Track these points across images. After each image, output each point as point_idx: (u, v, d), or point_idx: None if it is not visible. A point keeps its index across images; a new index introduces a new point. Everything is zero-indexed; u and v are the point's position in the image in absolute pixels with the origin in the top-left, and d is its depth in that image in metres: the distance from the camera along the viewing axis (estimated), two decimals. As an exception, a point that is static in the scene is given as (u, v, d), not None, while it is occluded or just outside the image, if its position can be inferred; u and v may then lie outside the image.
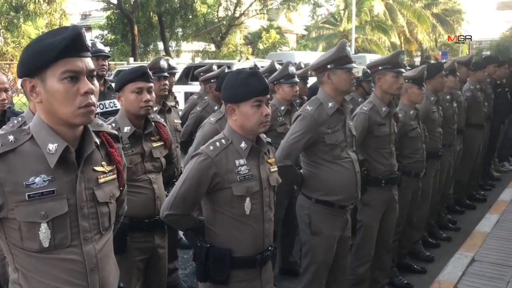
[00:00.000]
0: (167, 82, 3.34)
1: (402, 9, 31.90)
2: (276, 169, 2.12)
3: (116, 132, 1.56)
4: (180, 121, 3.53)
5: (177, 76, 6.76)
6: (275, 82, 3.64)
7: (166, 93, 3.33)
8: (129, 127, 2.36)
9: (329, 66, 2.59)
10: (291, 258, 3.92)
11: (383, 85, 3.17)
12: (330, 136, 2.59)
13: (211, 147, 1.95)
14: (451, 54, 37.59)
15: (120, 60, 17.06)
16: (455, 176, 5.51)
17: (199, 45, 22.59)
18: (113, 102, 4.06)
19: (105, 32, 19.85)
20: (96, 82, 1.36)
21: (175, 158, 2.68)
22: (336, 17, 30.69)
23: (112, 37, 18.75)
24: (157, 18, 18.10)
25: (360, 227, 3.26)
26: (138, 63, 12.71)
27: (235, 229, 1.96)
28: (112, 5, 17.03)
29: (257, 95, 1.93)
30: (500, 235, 4.45)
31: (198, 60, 23.99)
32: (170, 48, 19.85)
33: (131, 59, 15.67)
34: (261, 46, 22.64)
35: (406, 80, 3.69)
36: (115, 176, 1.48)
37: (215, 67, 4.86)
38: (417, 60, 29.47)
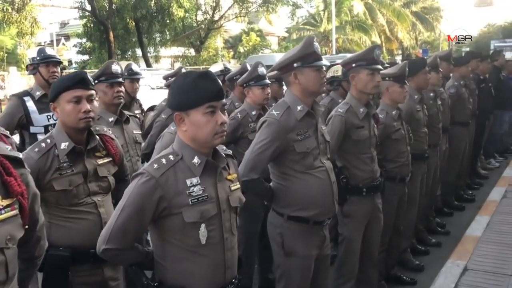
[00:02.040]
0: (121, 88, 3.00)
1: (381, 8, 31.92)
2: (238, 186, 1.80)
3: (17, 154, 1.22)
4: (140, 132, 3.19)
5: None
6: (245, 85, 3.34)
7: (121, 101, 2.99)
8: (67, 143, 2.02)
9: (295, 65, 2.29)
10: (270, 275, 3.60)
11: (358, 84, 2.88)
12: (300, 143, 2.28)
13: (155, 165, 1.62)
14: (431, 52, 37.80)
15: (88, 69, 16.62)
16: (442, 177, 5.28)
17: (179, 50, 22.18)
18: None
19: (84, 40, 19.39)
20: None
21: (129, 174, 2.35)
22: (316, 18, 30.57)
23: (90, 45, 18.27)
24: (134, 24, 17.69)
25: (341, 241, 2.96)
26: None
27: (189, 262, 1.63)
28: (87, 13, 16.56)
29: (210, 100, 1.62)
30: (492, 239, 4.20)
31: (177, 65, 23.63)
32: (148, 54, 19.43)
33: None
34: (241, 49, 22.34)
35: (387, 78, 3.44)
36: (15, 212, 1.15)
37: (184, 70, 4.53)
38: (398, 59, 29.48)
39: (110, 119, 2.98)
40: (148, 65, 18.21)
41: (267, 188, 2.37)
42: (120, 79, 3.02)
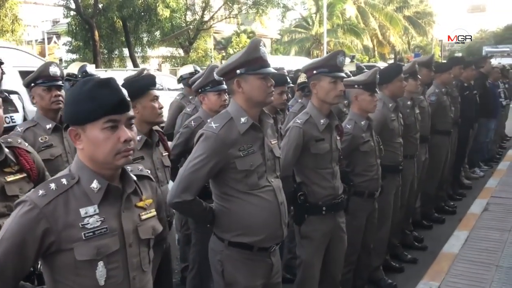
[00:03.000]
0: (61, 92, 2.73)
1: (374, 12, 31.90)
2: (152, 214, 1.53)
3: None
4: None
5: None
6: (200, 91, 3.08)
7: (60, 106, 2.71)
8: None
9: (238, 71, 2.02)
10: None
11: (319, 93, 2.63)
12: (242, 160, 2.01)
13: (41, 192, 1.34)
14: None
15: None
16: (422, 188, 5.05)
17: (167, 51, 21.85)
18: (10, 116, 3.45)
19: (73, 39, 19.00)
20: None
21: None
22: (309, 20, 30.42)
23: (75, 43, 17.90)
24: (121, 23, 17.36)
25: (299, 265, 2.70)
26: (100, 70, 12.00)
27: (86, 306, 1.36)
28: (71, 10, 16.20)
29: (109, 112, 1.35)
30: (468, 257, 3.96)
31: (167, 66, 23.29)
32: (136, 54, 19.10)
33: (93, 66, 14.87)
34: (231, 51, 22.07)
35: (356, 86, 3.19)
36: None
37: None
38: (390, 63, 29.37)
39: (48, 126, 2.71)
40: (135, 65, 17.87)
41: (206, 210, 2.10)
42: (60, 82, 2.75)
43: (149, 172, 2.42)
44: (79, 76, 3.62)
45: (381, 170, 3.41)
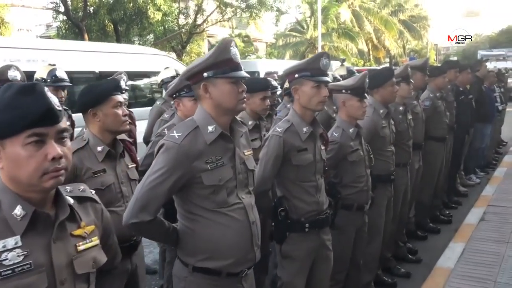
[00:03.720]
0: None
1: (369, 16, 31.76)
2: (93, 243, 1.30)
3: None
4: None
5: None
6: (174, 96, 2.85)
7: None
8: None
9: (205, 74, 1.80)
10: None
11: (301, 98, 2.40)
12: (209, 174, 1.78)
13: None
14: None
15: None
16: (416, 197, 4.84)
17: (160, 54, 21.51)
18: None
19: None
20: None
21: None
22: (303, 24, 30.27)
23: (66, 47, 17.60)
24: (112, 26, 17.09)
25: (280, 287, 2.46)
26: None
27: None
28: (60, 14, 15.90)
29: (33, 124, 1.12)
30: (464, 272, 3.74)
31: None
32: (128, 58, 18.80)
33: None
34: (225, 54, 21.78)
35: (344, 91, 2.97)
36: None
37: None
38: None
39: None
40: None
41: (169, 230, 1.86)
42: None
43: (113, 185, 2.22)
44: (48, 80, 3.38)
45: (371, 180, 3.20)
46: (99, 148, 2.20)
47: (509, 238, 4.37)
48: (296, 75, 2.40)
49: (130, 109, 4.35)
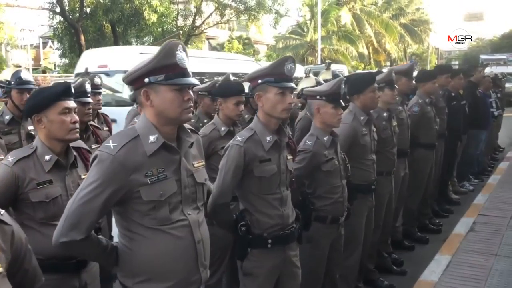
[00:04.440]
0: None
1: (369, 19, 31.68)
2: None
3: None
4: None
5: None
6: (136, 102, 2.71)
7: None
8: None
9: (146, 80, 1.65)
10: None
11: (265, 105, 2.25)
12: (150, 188, 1.62)
13: None
14: (420, 65, 37.65)
15: (70, 72, 15.91)
16: (404, 205, 4.69)
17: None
18: None
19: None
20: None
21: None
22: (303, 27, 30.18)
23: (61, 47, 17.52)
24: (110, 27, 17.01)
25: (242, 306, 2.32)
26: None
27: None
28: (56, 14, 15.81)
29: None
30: (448, 286, 3.59)
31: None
32: (126, 59, 18.70)
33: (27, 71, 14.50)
34: (224, 57, 21.72)
35: (318, 97, 2.83)
36: None
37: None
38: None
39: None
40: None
41: (106, 250, 1.71)
42: None
43: (60, 198, 2.08)
44: (13, 82, 3.26)
45: (351, 190, 3.06)
46: (46, 157, 2.06)
47: (497, 251, 4.21)
48: (259, 81, 2.25)
49: (104, 113, 4.24)
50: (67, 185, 2.09)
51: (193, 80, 1.71)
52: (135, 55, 7.74)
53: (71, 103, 2.11)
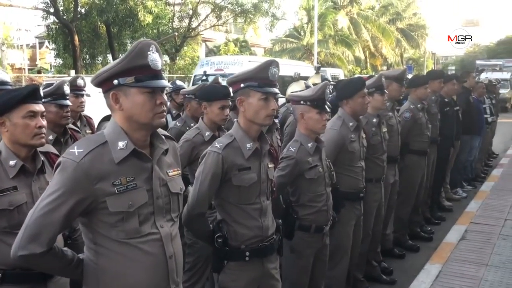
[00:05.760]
0: None
1: (366, 24, 31.70)
2: None
3: None
4: None
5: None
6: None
7: None
8: None
9: (115, 82, 1.54)
10: None
11: (248, 111, 2.14)
12: (117, 198, 1.51)
13: None
14: (416, 69, 37.72)
15: (63, 73, 15.80)
16: (395, 213, 4.60)
17: (153, 58, 21.21)
18: None
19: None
20: None
21: None
22: (300, 30, 30.15)
23: (55, 47, 17.38)
24: (105, 28, 16.90)
25: (218, 320, 2.21)
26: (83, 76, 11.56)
27: None
28: (50, 14, 15.69)
29: None
30: (438, 297, 3.50)
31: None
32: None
33: (72, 72, 14.41)
34: (219, 59, 21.63)
35: (302, 102, 2.74)
36: None
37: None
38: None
39: None
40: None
41: (70, 264, 1.60)
42: None
43: (25, 205, 1.97)
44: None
45: (339, 198, 2.96)
46: (11, 163, 1.95)
47: (488, 260, 4.12)
48: (242, 85, 2.14)
49: (88, 115, 4.13)
50: (34, 192, 1.99)
51: (166, 82, 1.61)
52: (245, 62, 10.04)
53: (38, 107, 2.00)
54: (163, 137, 1.69)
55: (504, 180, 7.36)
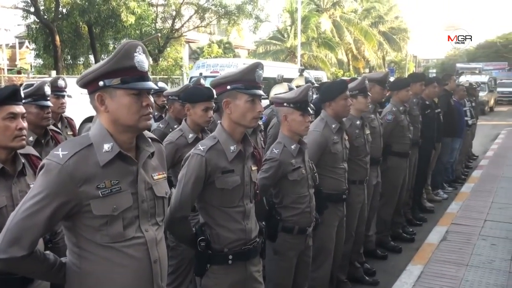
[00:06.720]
0: None
1: (349, 27, 31.97)
2: None
3: None
4: None
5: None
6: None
7: None
8: None
9: (101, 83, 1.52)
10: None
11: (234, 113, 2.12)
12: (101, 202, 1.49)
13: None
14: (398, 72, 38.20)
15: (43, 74, 15.53)
16: (377, 214, 4.64)
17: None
18: None
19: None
20: None
21: None
22: (283, 33, 30.26)
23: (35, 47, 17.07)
24: (87, 28, 16.68)
25: (200, 324, 2.19)
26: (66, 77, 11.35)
27: None
28: (30, 14, 15.41)
29: None
30: (419, 298, 3.54)
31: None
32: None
33: (53, 72, 14.17)
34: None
35: (286, 104, 2.74)
36: None
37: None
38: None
39: None
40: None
41: (52, 268, 1.57)
42: None
43: (4, 209, 1.92)
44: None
45: (322, 199, 2.97)
46: None
47: (468, 261, 4.19)
48: (228, 87, 2.13)
49: (69, 117, 4.07)
50: (14, 195, 1.94)
51: (152, 84, 1.59)
52: (240, 64, 10.09)
53: (18, 108, 1.96)
54: (149, 139, 1.67)
55: (484, 181, 7.49)
